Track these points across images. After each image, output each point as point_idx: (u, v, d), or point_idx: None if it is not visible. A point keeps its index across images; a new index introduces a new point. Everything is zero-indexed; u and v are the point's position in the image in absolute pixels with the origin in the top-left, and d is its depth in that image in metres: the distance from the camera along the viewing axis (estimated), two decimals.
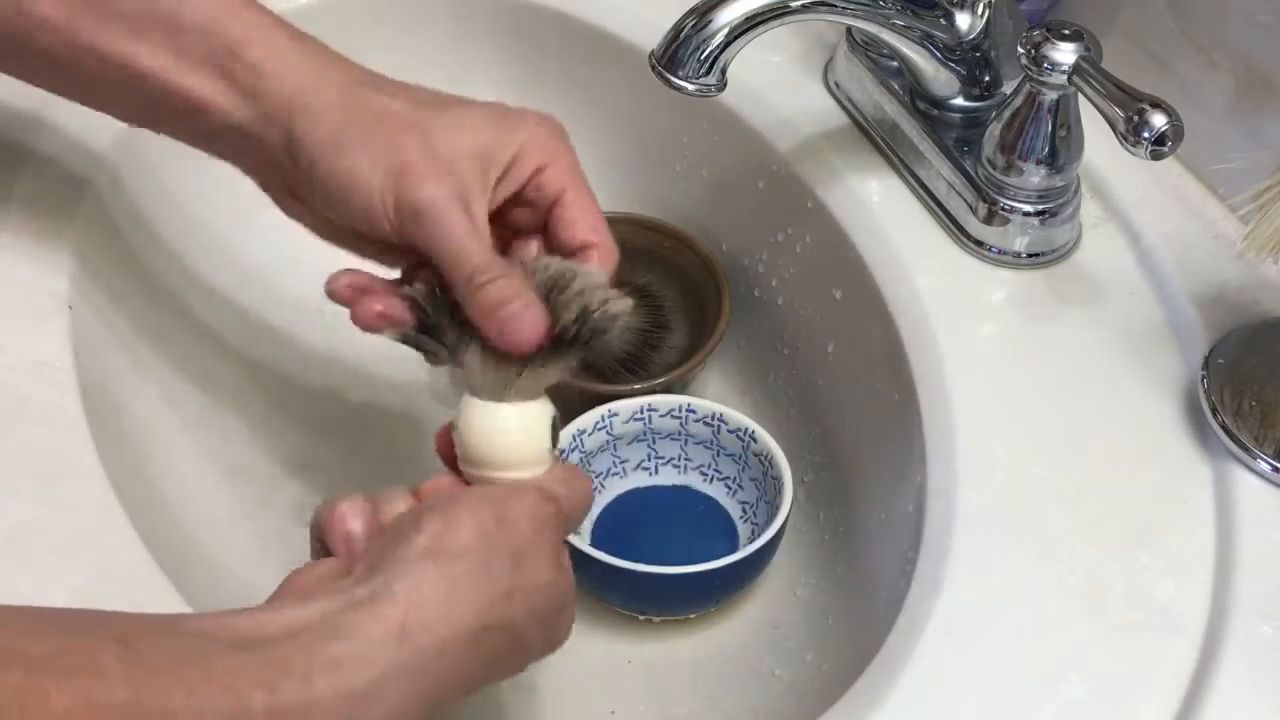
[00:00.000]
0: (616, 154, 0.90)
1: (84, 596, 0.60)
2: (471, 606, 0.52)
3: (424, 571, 0.52)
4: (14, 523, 0.63)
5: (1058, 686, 0.59)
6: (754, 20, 0.68)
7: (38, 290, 0.71)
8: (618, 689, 0.75)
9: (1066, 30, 0.69)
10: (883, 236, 0.76)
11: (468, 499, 0.56)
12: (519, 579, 0.54)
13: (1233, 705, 0.58)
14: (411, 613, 0.51)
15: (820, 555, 0.79)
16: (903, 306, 0.73)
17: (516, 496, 0.56)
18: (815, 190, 0.80)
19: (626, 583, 0.73)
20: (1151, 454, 0.67)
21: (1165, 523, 0.64)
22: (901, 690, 0.59)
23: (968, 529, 0.64)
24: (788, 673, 0.75)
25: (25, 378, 0.68)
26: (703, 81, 0.69)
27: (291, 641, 0.49)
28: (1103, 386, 0.70)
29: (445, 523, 0.54)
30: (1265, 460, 0.65)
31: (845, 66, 0.82)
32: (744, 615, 0.78)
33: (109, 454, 0.66)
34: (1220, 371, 0.68)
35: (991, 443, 0.67)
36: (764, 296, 0.85)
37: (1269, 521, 0.64)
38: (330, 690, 0.48)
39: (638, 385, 0.81)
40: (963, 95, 0.77)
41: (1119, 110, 0.65)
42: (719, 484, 0.80)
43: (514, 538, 0.55)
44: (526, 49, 0.92)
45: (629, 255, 0.86)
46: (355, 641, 0.49)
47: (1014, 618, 0.61)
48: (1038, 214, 0.74)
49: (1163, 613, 0.61)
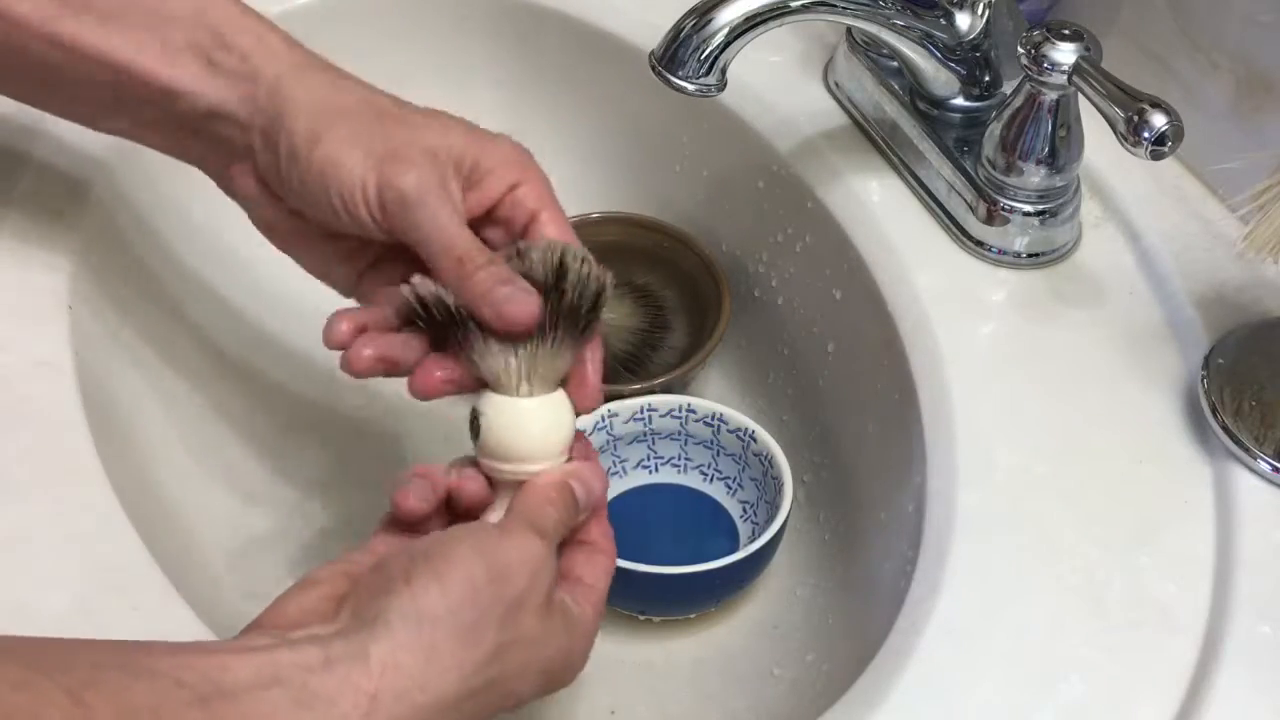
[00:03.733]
0: (616, 154, 0.90)
1: (84, 596, 0.60)
2: (454, 673, 0.51)
3: (405, 634, 0.50)
4: (14, 523, 0.63)
5: (1058, 686, 0.59)
6: (754, 20, 0.68)
7: (38, 290, 0.71)
8: (618, 689, 0.75)
9: (1066, 30, 0.69)
10: (883, 236, 0.76)
11: (462, 551, 0.53)
12: (509, 634, 0.52)
13: (1233, 705, 0.58)
14: (385, 681, 0.49)
15: (820, 555, 0.79)
16: (903, 306, 0.73)
17: (512, 542, 0.54)
18: (815, 190, 0.80)
19: (626, 583, 0.73)
20: (1151, 454, 0.67)
21: (1165, 523, 0.64)
22: (901, 690, 0.59)
23: (968, 529, 0.64)
24: (788, 673, 0.75)
25: (25, 378, 0.68)
26: (703, 81, 0.69)
27: (257, 700, 0.47)
28: (1103, 386, 0.70)
29: (436, 577, 0.51)
30: (1265, 460, 0.65)
31: (845, 66, 0.82)
32: (744, 615, 0.78)
33: (109, 454, 0.66)
34: (1220, 371, 0.68)
35: (991, 443, 0.67)
36: (764, 296, 0.85)
37: (1269, 521, 0.64)
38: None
39: (638, 385, 0.81)
40: (963, 95, 0.77)
41: (1119, 110, 0.65)
42: (719, 484, 0.80)
43: (507, 590, 0.53)
44: (526, 49, 0.92)
45: (629, 255, 0.87)
46: (320, 713, 0.48)
47: (1014, 618, 0.61)
48: (1038, 214, 0.74)
49: (1163, 612, 0.61)
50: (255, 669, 0.48)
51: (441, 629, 0.51)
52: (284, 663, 0.48)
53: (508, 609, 0.53)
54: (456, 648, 0.51)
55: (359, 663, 0.49)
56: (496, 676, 0.52)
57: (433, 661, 0.50)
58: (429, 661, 0.50)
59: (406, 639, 0.50)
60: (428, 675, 0.50)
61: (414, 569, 0.52)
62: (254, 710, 0.47)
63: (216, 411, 0.80)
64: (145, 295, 0.79)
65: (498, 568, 0.53)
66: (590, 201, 0.89)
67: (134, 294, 0.78)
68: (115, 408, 0.72)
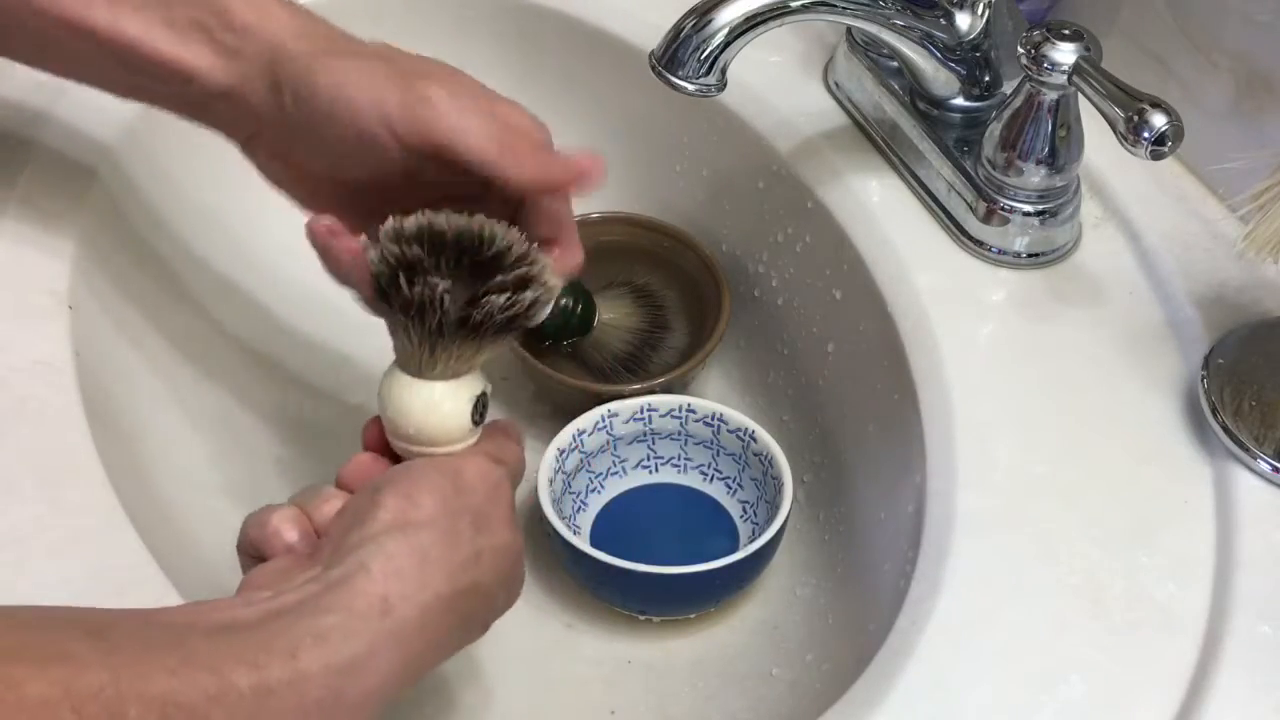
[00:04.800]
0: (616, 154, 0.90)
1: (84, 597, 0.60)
2: (444, 573, 0.53)
3: (395, 545, 0.52)
4: (14, 523, 0.63)
5: (1058, 686, 0.59)
6: (754, 20, 0.68)
7: (38, 290, 0.71)
8: (618, 689, 0.75)
9: (1066, 30, 0.69)
10: (883, 236, 0.76)
11: (422, 470, 0.56)
12: (483, 541, 0.55)
13: (1233, 705, 0.58)
14: (391, 585, 0.51)
15: (820, 555, 0.79)
16: (903, 306, 0.73)
17: (468, 462, 0.57)
18: (815, 190, 0.80)
19: (626, 583, 0.73)
20: (1151, 454, 0.67)
21: (1165, 522, 0.64)
22: (901, 690, 0.59)
23: (967, 529, 0.64)
24: (788, 673, 0.75)
25: (25, 378, 0.68)
26: (703, 81, 0.69)
27: (272, 623, 0.48)
28: (1103, 386, 0.70)
29: (405, 496, 0.54)
30: (1265, 460, 0.65)
31: (845, 66, 0.82)
32: (744, 615, 0.78)
33: (109, 454, 0.66)
34: (1220, 371, 0.68)
35: (991, 443, 0.67)
36: (764, 296, 0.85)
37: (1269, 521, 0.64)
38: (318, 663, 0.48)
39: (638, 385, 0.81)
40: (963, 95, 0.77)
41: (1119, 110, 0.65)
42: (719, 484, 0.80)
43: (473, 501, 0.56)
44: (527, 49, 0.92)
45: (629, 255, 0.87)
46: (339, 615, 0.49)
47: (1014, 618, 0.61)
48: (1038, 214, 0.74)
49: (1163, 612, 0.61)
50: (262, 609, 0.49)
51: (425, 534, 0.53)
52: (288, 598, 0.50)
53: (476, 517, 0.55)
54: (443, 550, 0.53)
55: (361, 575, 0.51)
56: (477, 581, 0.55)
57: (426, 563, 0.53)
58: (423, 564, 0.52)
59: (397, 548, 0.52)
60: (424, 576, 0.52)
61: (381, 495, 0.54)
62: (275, 628, 0.48)
63: (217, 410, 0.80)
64: (151, 285, 0.79)
65: (459, 482, 0.56)
66: (590, 201, 0.88)
67: (139, 284, 0.78)
68: (115, 407, 0.72)
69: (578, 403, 0.79)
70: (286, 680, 0.47)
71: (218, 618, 0.48)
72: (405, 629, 0.51)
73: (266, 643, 0.47)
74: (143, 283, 0.79)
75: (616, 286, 0.84)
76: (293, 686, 0.47)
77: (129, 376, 0.75)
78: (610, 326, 0.82)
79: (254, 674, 0.46)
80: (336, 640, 0.49)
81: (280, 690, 0.47)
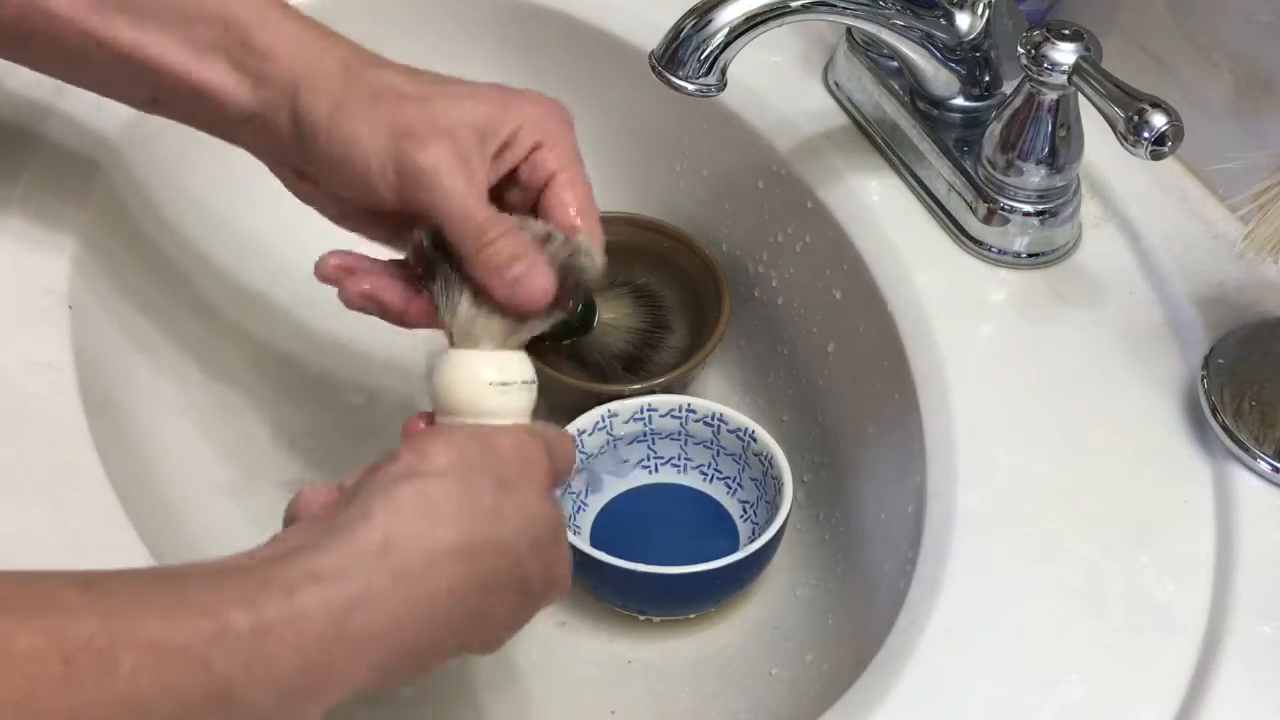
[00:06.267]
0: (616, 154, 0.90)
1: None
2: (454, 521, 0.52)
3: (400, 491, 0.51)
4: (14, 523, 0.63)
5: (1058, 686, 0.59)
6: (754, 20, 0.68)
7: (38, 290, 0.71)
8: (618, 689, 0.75)
9: (1066, 30, 0.69)
10: (882, 236, 0.76)
11: (447, 430, 0.56)
12: (506, 501, 0.54)
13: (1233, 705, 0.58)
14: (393, 527, 0.50)
15: (820, 555, 0.79)
16: (903, 306, 0.73)
17: (505, 432, 0.57)
18: (815, 190, 0.80)
19: (626, 583, 0.73)
20: (1151, 454, 0.67)
21: (1165, 523, 0.64)
22: (901, 690, 0.59)
23: (967, 529, 0.64)
24: (788, 673, 0.75)
25: (25, 378, 0.68)
26: (703, 81, 0.69)
27: (270, 566, 0.48)
28: (1103, 386, 0.70)
29: (419, 450, 0.54)
30: (1265, 460, 0.65)
31: (845, 66, 0.82)
32: (744, 615, 0.78)
33: (109, 454, 0.66)
34: (1220, 371, 0.68)
35: (991, 443, 0.67)
36: (764, 296, 0.85)
37: (1269, 521, 0.64)
38: (316, 600, 0.47)
39: (638, 385, 0.81)
40: (963, 95, 0.77)
41: (1119, 110, 0.65)
42: (719, 484, 0.80)
43: (499, 465, 0.55)
44: (528, 49, 0.92)
45: (629, 255, 0.87)
46: (336, 555, 0.49)
47: (1014, 618, 0.61)
48: (1038, 214, 0.74)
49: (1163, 613, 0.61)
50: (261, 555, 0.49)
51: (434, 482, 0.52)
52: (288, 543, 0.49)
53: (500, 478, 0.54)
54: (454, 497, 0.52)
55: (363, 519, 0.50)
56: (498, 538, 0.53)
57: (431, 509, 0.52)
58: (428, 509, 0.51)
59: (402, 494, 0.51)
60: (432, 522, 0.51)
61: (399, 451, 0.54)
62: (272, 569, 0.48)
63: (217, 410, 0.80)
64: (153, 282, 0.79)
65: (487, 445, 0.55)
66: None
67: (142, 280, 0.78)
68: (115, 407, 0.72)
69: (578, 403, 0.79)
70: (286, 618, 0.46)
71: (214, 565, 0.48)
72: (410, 570, 0.50)
73: (264, 581, 0.47)
74: (144, 281, 0.79)
75: (616, 286, 0.84)
76: (291, 624, 0.46)
77: (129, 376, 0.75)
78: (610, 326, 0.82)
79: (252, 613, 0.45)
80: (333, 579, 0.48)
81: (278, 629, 0.46)
